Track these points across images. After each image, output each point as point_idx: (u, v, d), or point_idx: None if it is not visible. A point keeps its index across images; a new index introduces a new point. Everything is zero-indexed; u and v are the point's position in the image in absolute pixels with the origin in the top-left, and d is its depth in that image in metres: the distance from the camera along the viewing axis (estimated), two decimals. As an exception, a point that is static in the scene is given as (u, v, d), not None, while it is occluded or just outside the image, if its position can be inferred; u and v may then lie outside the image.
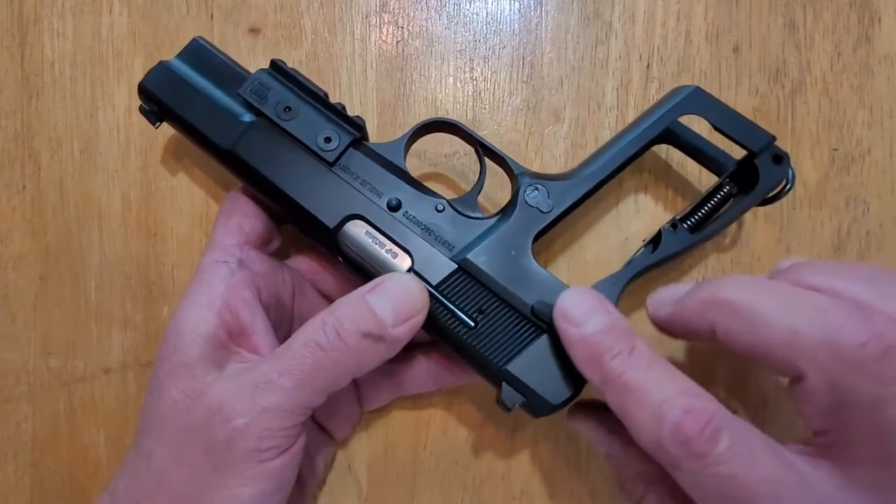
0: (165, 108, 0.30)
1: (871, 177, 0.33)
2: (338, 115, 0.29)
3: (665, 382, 0.23)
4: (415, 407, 0.34)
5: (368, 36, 0.35)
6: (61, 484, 0.35)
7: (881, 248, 0.33)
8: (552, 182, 0.29)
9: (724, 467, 0.21)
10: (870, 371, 0.20)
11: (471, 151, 0.34)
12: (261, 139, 0.29)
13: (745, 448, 0.21)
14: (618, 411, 0.23)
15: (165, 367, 0.26)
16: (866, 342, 0.20)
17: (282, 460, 0.25)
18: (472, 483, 0.34)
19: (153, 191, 0.35)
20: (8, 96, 0.36)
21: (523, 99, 0.34)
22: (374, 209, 0.28)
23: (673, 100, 0.29)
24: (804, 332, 0.21)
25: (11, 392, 0.35)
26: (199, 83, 0.30)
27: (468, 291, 0.28)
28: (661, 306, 0.26)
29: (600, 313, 0.25)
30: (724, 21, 0.34)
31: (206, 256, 0.28)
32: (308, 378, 0.25)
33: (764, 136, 0.28)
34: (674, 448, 0.21)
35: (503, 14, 0.35)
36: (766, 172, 0.28)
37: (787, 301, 0.22)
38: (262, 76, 0.29)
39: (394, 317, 0.25)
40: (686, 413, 0.21)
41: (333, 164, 0.29)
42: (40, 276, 0.35)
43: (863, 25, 0.34)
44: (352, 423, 0.33)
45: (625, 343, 0.24)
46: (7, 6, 0.36)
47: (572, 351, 0.25)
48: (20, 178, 0.36)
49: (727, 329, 0.23)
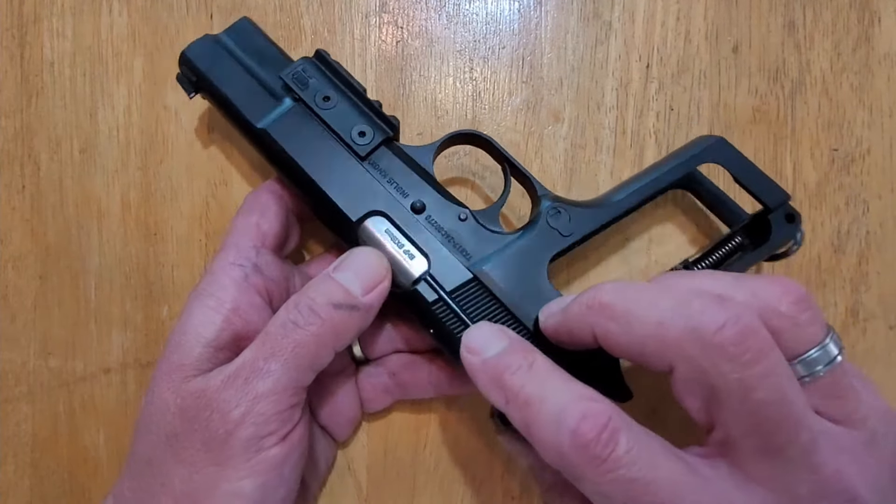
0: (204, 80, 0.30)
1: (871, 177, 0.33)
2: (374, 112, 0.29)
3: (562, 391, 0.22)
4: (415, 407, 0.34)
5: (368, 36, 0.35)
6: (61, 484, 0.35)
7: (881, 248, 0.33)
8: (574, 207, 0.29)
9: (625, 471, 0.20)
10: (730, 354, 0.20)
11: (472, 151, 0.34)
12: (296, 124, 0.29)
13: (645, 451, 0.21)
14: (523, 431, 0.23)
15: (163, 366, 0.26)
16: (723, 325, 0.20)
17: (281, 449, 0.25)
18: (472, 483, 0.34)
19: (153, 191, 0.35)
20: (7, 96, 0.36)
21: (523, 99, 0.34)
22: (399, 208, 0.29)
23: (697, 147, 0.30)
24: (669, 322, 0.21)
25: (11, 392, 0.35)
26: (242, 60, 0.30)
27: (480, 302, 0.28)
28: (549, 316, 0.26)
29: (500, 339, 0.25)
30: (723, 21, 0.34)
31: (220, 257, 0.28)
32: (292, 357, 0.25)
33: (780, 193, 0.29)
34: (573, 455, 0.21)
35: (503, 14, 0.35)
36: (778, 229, 0.29)
37: (653, 297, 0.22)
38: (306, 64, 0.29)
39: (361, 286, 0.27)
40: (583, 418, 0.21)
41: (364, 159, 0.29)
42: (40, 276, 0.35)
43: (863, 25, 0.34)
44: (353, 424, 0.33)
45: (523, 359, 0.24)
46: (7, 6, 0.36)
47: (476, 379, 0.25)
48: (20, 178, 0.36)
49: (605, 331, 0.23)
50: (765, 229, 0.29)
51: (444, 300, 0.28)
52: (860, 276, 0.33)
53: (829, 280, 0.33)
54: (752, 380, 0.20)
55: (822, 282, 0.33)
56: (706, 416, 0.22)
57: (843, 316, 0.33)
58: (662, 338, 0.21)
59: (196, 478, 0.25)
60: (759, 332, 0.20)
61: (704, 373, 0.21)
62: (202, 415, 0.25)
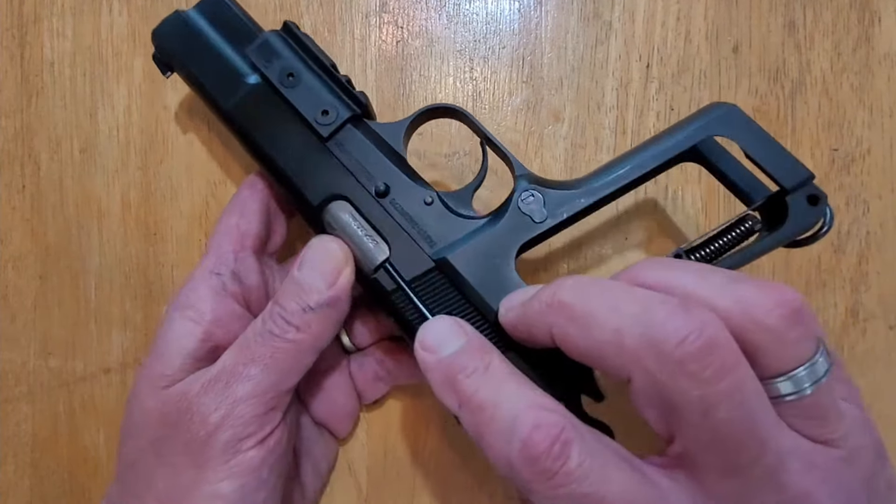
0: (175, 59, 0.29)
1: (871, 177, 0.33)
2: (341, 89, 0.28)
3: (517, 397, 0.21)
4: (415, 407, 0.34)
5: (368, 36, 0.35)
6: (61, 484, 0.35)
7: (881, 248, 0.33)
8: (551, 190, 0.27)
9: (576, 486, 0.19)
10: (691, 371, 0.19)
11: (471, 152, 0.34)
12: (260, 104, 0.28)
13: (598, 464, 0.20)
14: (475, 438, 0.22)
15: (145, 373, 0.27)
16: (685, 338, 0.19)
17: (259, 452, 0.25)
18: (472, 483, 0.34)
19: (153, 191, 0.35)
20: (8, 96, 0.36)
21: (523, 99, 0.34)
22: (361, 192, 0.27)
23: (705, 117, 0.26)
24: (627, 331, 0.20)
25: (11, 392, 0.35)
26: (211, 37, 0.29)
27: (440, 293, 0.26)
28: (509, 310, 0.24)
29: (457, 336, 0.23)
30: (723, 21, 0.34)
31: (202, 263, 0.29)
32: (272, 363, 0.26)
33: (801, 171, 0.25)
34: (523, 467, 0.20)
35: (503, 14, 0.35)
36: (798, 212, 0.25)
37: (615, 300, 0.20)
38: (271, 37, 0.28)
39: (324, 281, 0.26)
40: (535, 428, 0.20)
41: (327, 140, 0.28)
42: (40, 276, 0.35)
43: (863, 25, 0.34)
44: (352, 419, 0.33)
45: (479, 360, 0.22)
46: (7, 6, 0.36)
47: (430, 379, 0.23)
48: (20, 178, 0.36)
49: (562, 332, 0.21)
50: (783, 212, 0.25)
51: (402, 290, 0.26)
52: (860, 276, 0.33)
53: (829, 280, 0.33)
54: (713, 397, 0.19)
55: (822, 282, 0.33)
56: (665, 428, 0.21)
57: (843, 316, 0.33)
58: (620, 346, 0.20)
59: (177, 480, 0.25)
60: (724, 347, 0.19)
61: (663, 387, 0.19)
62: (183, 418, 0.25)
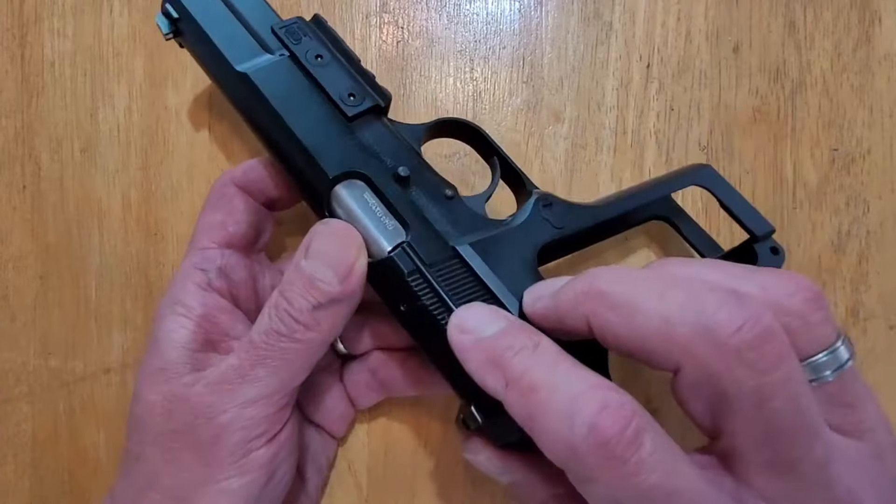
0: (188, 19, 0.28)
1: (871, 177, 0.33)
2: (367, 82, 0.28)
3: (575, 377, 0.20)
4: (415, 407, 0.34)
5: (368, 36, 0.35)
6: (61, 484, 0.35)
7: (881, 248, 0.33)
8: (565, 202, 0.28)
9: (646, 476, 0.18)
10: (747, 359, 0.18)
11: (472, 152, 0.34)
12: (282, 75, 0.28)
13: (668, 454, 0.19)
14: (524, 421, 0.20)
15: (145, 370, 0.26)
16: (741, 327, 0.18)
17: (269, 449, 0.25)
18: (472, 483, 0.34)
19: (153, 191, 0.35)
20: (8, 96, 0.36)
21: (523, 99, 0.34)
22: (382, 174, 0.27)
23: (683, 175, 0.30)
24: (678, 320, 0.19)
25: (11, 392, 0.35)
26: (232, 5, 0.29)
27: (460, 281, 0.25)
28: (537, 300, 0.23)
29: (498, 318, 0.23)
30: (724, 21, 0.34)
31: (186, 259, 0.28)
32: (281, 363, 0.25)
33: (765, 224, 0.28)
34: (590, 453, 0.18)
35: (503, 14, 0.35)
36: (763, 260, 0.28)
37: (661, 289, 0.20)
38: (301, 23, 0.29)
39: (336, 275, 0.24)
40: (602, 409, 0.18)
41: (352, 120, 0.27)
42: (40, 276, 0.35)
43: (863, 25, 0.34)
44: (346, 421, 0.33)
45: (528, 339, 0.21)
46: (7, 6, 0.36)
47: (467, 361, 0.22)
48: (20, 178, 0.36)
49: (602, 321, 0.20)
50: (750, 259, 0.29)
51: (420, 271, 0.25)
52: (860, 275, 0.33)
53: (829, 280, 0.33)
54: (769, 387, 0.18)
55: (822, 282, 0.33)
56: (711, 423, 0.20)
57: (843, 316, 0.33)
58: (669, 335, 0.19)
59: (184, 476, 0.25)
60: (779, 336, 0.19)
61: (716, 377, 0.19)
62: (187, 419, 0.25)
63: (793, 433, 0.19)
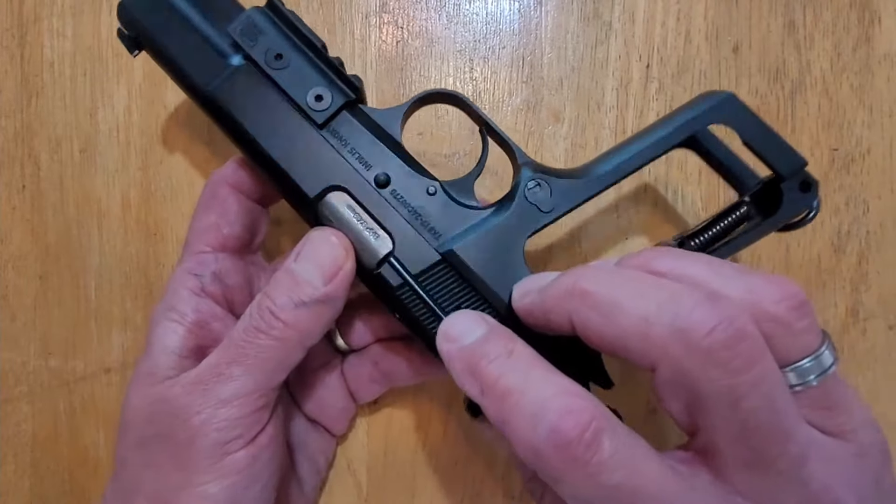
0: (145, 35, 0.27)
1: (871, 177, 0.33)
2: (334, 72, 0.27)
3: (544, 383, 0.21)
4: (415, 407, 0.34)
5: (368, 36, 0.35)
6: (61, 484, 0.35)
7: (881, 248, 0.33)
8: (557, 179, 0.26)
9: (608, 476, 0.19)
10: (719, 359, 0.19)
11: (471, 152, 0.34)
12: (245, 86, 0.26)
13: (630, 454, 0.19)
14: (499, 425, 0.21)
15: (135, 375, 0.27)
16: (714, 328, 0.19)
17: (248, 452, 0.25)
18: (472, 483, 0.34)
19: (153, 191, 0.35)
20: (8, 96, 0.36)
21: (523, 99, 0.34)
22: (360, 182, 0.26)
23: (703, 105, 0.27)
24: (655, 319, 0.19)
25: (11, 392, 0.35)
26: (187, 11, 0.27)
27: (449, 287, 0.26)
28: (524, 295, 0.24)
29: (479, 326, 0.23)
30: (724, 21, 0.34)
31: (180, 263, 0.28)
32: (257, 362, 0.25)
33: (796, 159, 0.26)
34: (553, 456, 0.19)
35: (503, 14, 0.35)
36: (791, 199, 0.26)
37: (640, 288, 0.20)
38: (256, 15, 0.26)
39: (321, 276, 0.25)
40: (565, 413, 0.19)
41: (322, 127, 0.26)
42: (40, 276, 0.35)
43: (863, 25, 0.34)
44: (346, 416, 0.33)
45: (502, 347, 0.22)
46: (7, 6, 0.36)
47: (452, 369, 0.23)
48: (20, 178, 0.36)
49: (584, 319, 0.21)
50: (776, 198, 0.26)
51: (409, 284, 0.25)
52: (860, 276, 0.33)
53: (829, 280, 0.33)
54: (742, 387, 0.19)
55: (822, 282, 0.33)
56: (688, 421, 0.21)
57: (843, 316, 0.33)
58: (646, 335, 0.20)
59: (164, 481, 0.25)
60: (752, 337, 0.19)
61: (690, 376, 0.19)
62: (166, 421, 0.25)
63: (768, 431, 0.19)
